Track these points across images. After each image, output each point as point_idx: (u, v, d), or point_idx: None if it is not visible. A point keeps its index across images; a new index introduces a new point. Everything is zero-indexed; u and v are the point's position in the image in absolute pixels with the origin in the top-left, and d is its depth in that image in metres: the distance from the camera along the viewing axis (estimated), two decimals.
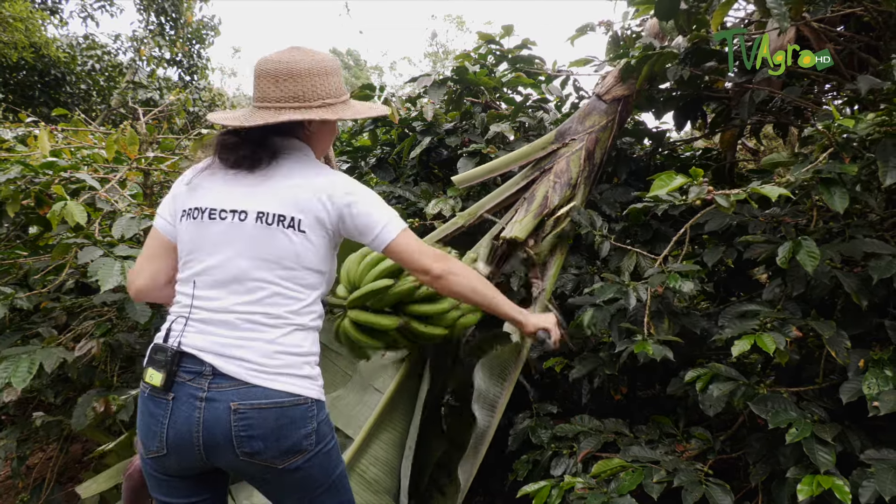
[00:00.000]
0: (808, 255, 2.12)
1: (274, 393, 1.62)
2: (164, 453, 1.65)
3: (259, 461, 1.63)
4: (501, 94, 4.22)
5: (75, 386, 3.16)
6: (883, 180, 2.10)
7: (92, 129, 4.35)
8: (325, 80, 1.76)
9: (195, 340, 1.65)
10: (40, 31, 10.38)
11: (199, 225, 1.72)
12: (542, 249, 2.96)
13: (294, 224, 1.67)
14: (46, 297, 3.02)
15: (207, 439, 1.60)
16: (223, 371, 1.61)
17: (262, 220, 1.67)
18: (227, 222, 1.69)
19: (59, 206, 2.66)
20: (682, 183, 2.29)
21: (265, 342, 1.65)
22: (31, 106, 10.49)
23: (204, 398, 1.59)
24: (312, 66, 1.75)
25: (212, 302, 1.68)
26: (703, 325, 2.61)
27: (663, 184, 2.32)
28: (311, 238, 1.70)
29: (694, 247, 3.01)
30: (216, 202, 1.73)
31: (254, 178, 1.73)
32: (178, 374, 1.62)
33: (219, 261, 1.68)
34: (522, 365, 2.74)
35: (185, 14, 14.04)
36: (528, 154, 3.17)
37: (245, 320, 1.65)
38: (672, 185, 2.30)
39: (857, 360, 2.10)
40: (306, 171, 1.76)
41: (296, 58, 1.75)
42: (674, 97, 3.41)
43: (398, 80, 32.32)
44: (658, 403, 3.01)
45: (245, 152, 1.73)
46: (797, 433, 1.98)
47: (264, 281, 1.67)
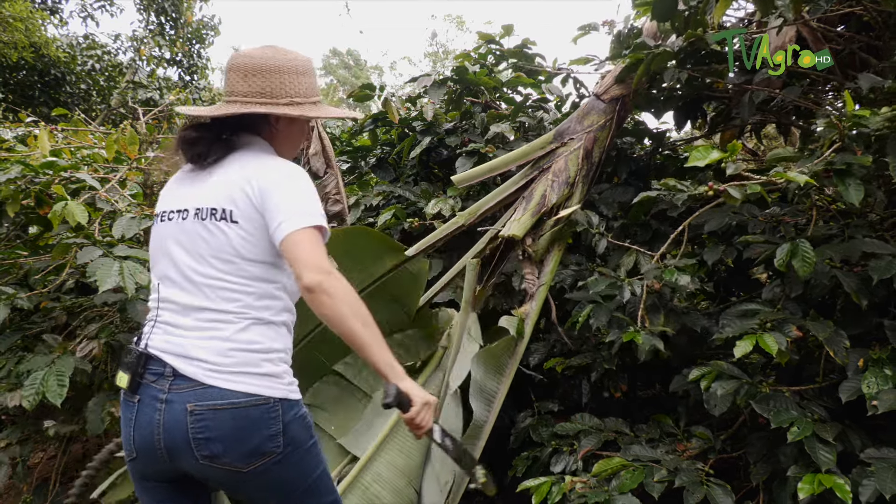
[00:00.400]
0: (804, 260, 2.12)
1: (229, 393, 1.57)
2: (134, 457, 1.64)
3: (221, 465, 1.59)
4: (501, 94, 4.23)
5: (75, 387, 3.16)
6: (894, 175, 2.10)
7: (92, 129, 4.35)
8: (294, 79, 1.74)
9: (159, 342, 1.63)
10: (40, 31, 10.38)
11: (156, 228, 1.76)
12: (540, 247, 2.97)
13: (226, 216, 1.63)
14: (47, 297, 3.02)
15: (168, 442, 1.57)
16: (182, 372, 1.58)
17: (198, 216, 1.66)
18: (173, 223, 1.70)
19: (59, 205, 2.66)
20: (721, 157, 2.25)
21: (221, 340, 1.60)
22: (31, 106, 10.47)
23: (164, 400, 1.57)
24: (283, 64, 1.73)
25: (172, 304, 1.67)
26: (704, 323, 2.62)
27: (701, 156, 2.28)
28: (245, 228, 1.63)
29: (693, 247, 3.01)
30: (166, 204, 1.76)
31: (202, 175, 1.72)
32: (143, 377, 1.60)
33: (171, 262, 1.68)
34: (519, 359, 2.74)
35: (185, 14, 14.03)
36: (528, 153, 3.17)
37: (201, 319, 1.62)
38: (711, 158, 2.24)
39: (857, 359, 2.11)
40: (251, 163, 1.70)
41: (268, 54, 1.74)
42: (674, 97, 3.40)
43: (398, 79, 32.33)
44: (658, 403, 3.01)
45: (201, 148, 1.72)
46: (798, 432, 1.99)
47: (210, 277, 1.63)
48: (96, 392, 2.92)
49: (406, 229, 3.47)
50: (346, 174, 4.49)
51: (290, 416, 1.66)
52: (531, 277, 2.93)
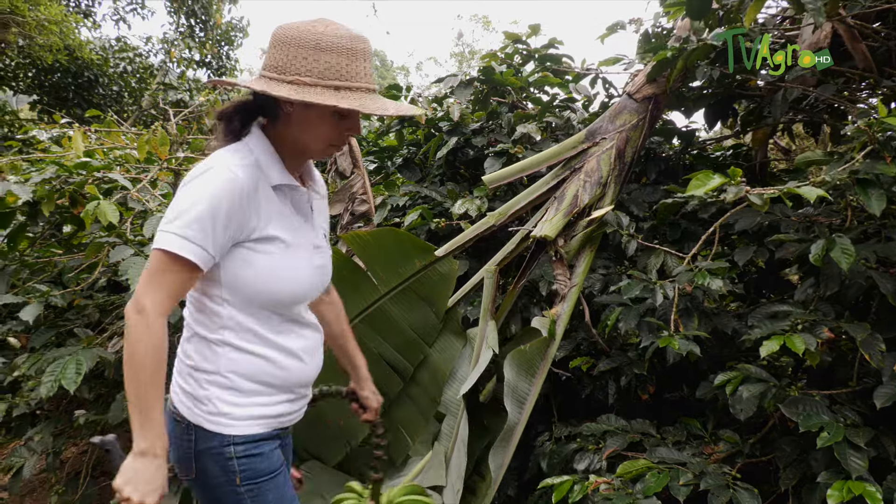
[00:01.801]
0: (843, 252, 2.08)
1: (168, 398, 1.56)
2: None
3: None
4: (528, 94, 4.21)
5: (108, 383, 3.21)
6: None
7: (124, 130, 4.43)
8: (310, 54, 1.40)
9: None
10: (74, 34, 10.57)
11: None
12: (572, 248, 2.94)
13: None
14: (79, 294, 3.08)
15: None
16: None
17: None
18: None
19: (92, 205, 2.71)
20: (721, 183, 2.26)
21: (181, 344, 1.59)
22: (66, 107, 10.68)
23: None
24: (305, 36, 1.41)
25: None
26: (734, 325, 2.58)
27: (700, 183, 2.29)
28: None
29: (724, 247, 2.97)
30: None
31: None
32: None
33: None
34: (551, 361, 2.73)
35: (215, 16, 14.20)
36: (559, 153, 3.15)
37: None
38: (710, 185, 2.26)
39: (893, 363, 2.07)
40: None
41: (304, 26, 1.43)
42: (705, 96, 3.36)
43: (424, 80, 32.40)
44: (686, 406, 2.98)
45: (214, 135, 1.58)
46: (829, 437, 1.95)
47: None
48: None
49: (432, 229, 3.47)
50: (373, 174, 4.51)
51: (203, 446, 1.51)
52: (562, 279, 2.91)
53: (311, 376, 1.67)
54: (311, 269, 1.59)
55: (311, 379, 1.68)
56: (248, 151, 1.48)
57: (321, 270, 1.65)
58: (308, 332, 1.65)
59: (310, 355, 1.64)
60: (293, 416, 1.67)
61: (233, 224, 1.40)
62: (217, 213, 1.37)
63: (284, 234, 1.49)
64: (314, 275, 1.61)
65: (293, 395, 1.63)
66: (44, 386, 2.47)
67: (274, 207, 1.49)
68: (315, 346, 1.67)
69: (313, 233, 1.63)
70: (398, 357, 2.88)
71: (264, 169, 1.47)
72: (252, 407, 1.53)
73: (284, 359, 1.56)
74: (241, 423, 1.52)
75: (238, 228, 1.42)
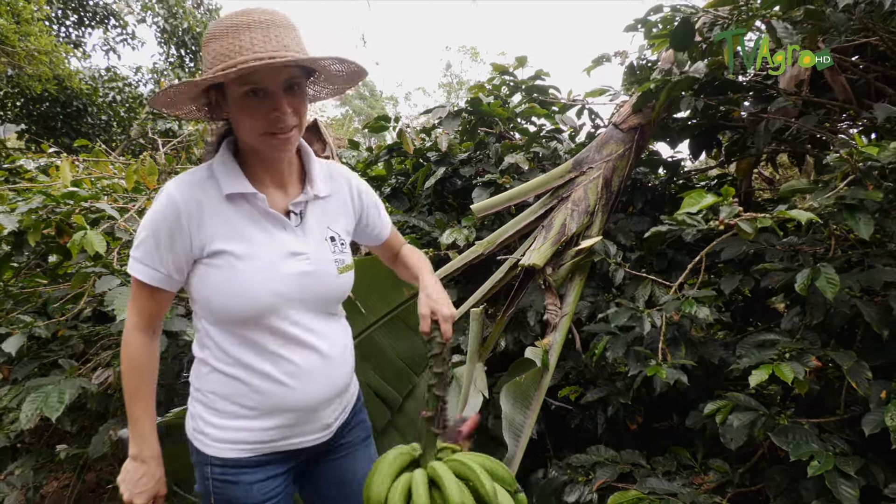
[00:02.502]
0: (828, 282, 2.09)
1: None
2: None
3: None
4: (515, 125, 4.25)
5: (90, 415, 3.17)
6: None
7: (112, 160, 4.42)
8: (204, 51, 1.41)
9: None
10: (64, 64, 10.62)
11: None
12: (560, 277, 2.95)
13: None
14: (64, 325, 3.05)
15: None
16: None
17: None
18: None
19: (78, 235, 2.70)
20: (714, 202, 2.27)
21: None
22: (54, 136, 10.69)
23: None
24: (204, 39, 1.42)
25: None
26: (721, 354, 2.59)
27: (694, 202, 2.29)
28: None
29: (710, 276, 2.99)
30: None
31: None
32: None
33: None
34: (545, 392, 2.71)
35: None
36: (547, 182, 3.18)
37: None
38: (703, 204, 2.27)
39: (879, 391, 2.07)
40: None
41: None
42: (689, 126, 3.41)
43: (413, 109, 32.69)
44: (675, 435, 2.97)
45: None
46: (819, 466, 1.95)
47: None
48: (110, 419, 2.92)
49: None
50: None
51: (194, 460, 1.60)
52: (553, 308, 2.91)
53: (305, 400, 1.54)
54: (279, 277, 1.46)
55: (310, 402, 1.55)
56: (205, 167, 1.49)
57: (301, 277, 1.50)
58: (296, 352, 1.52)
59: (295, 378, 1.51)
60: (294, 440, 1.58)
61: (177, 242, 1.42)
62: (158, 234, 1.41)
63: (235, 246, 1.44)
64: (284, 283, 1.47)
65: (287, 419, 1.54)
66: (23, 414, 2.42)
67: (222, 219, 1.45)
68: (309, 370, 1.53)
69: (295, 239, 1.51)
70: (386, 387, 2.86)
71: (219, 180, 1.45)
72: (229, 431, 1.52)
73: (257, 381, 1.49)
74: (217, 445, 1.53)
75: (185, 245, 1.43)
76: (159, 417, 2.52)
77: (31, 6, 9.73)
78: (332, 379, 1.60)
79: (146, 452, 1.52)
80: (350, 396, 1.74)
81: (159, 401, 1.60)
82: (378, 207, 1.80)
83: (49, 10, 11.95)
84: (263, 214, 1.49)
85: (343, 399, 1.69)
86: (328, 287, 1.56)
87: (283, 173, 1.56)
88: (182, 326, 2.68)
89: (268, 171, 1.53)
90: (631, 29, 3.19)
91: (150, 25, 14.35)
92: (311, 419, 1.59)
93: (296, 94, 1.42)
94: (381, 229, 1.82)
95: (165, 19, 13.91)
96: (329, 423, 1.64)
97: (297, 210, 1.55)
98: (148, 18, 14.35)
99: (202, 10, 15.04)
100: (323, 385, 1.57)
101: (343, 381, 1.64)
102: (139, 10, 14.51)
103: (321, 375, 1.56)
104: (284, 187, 1.56)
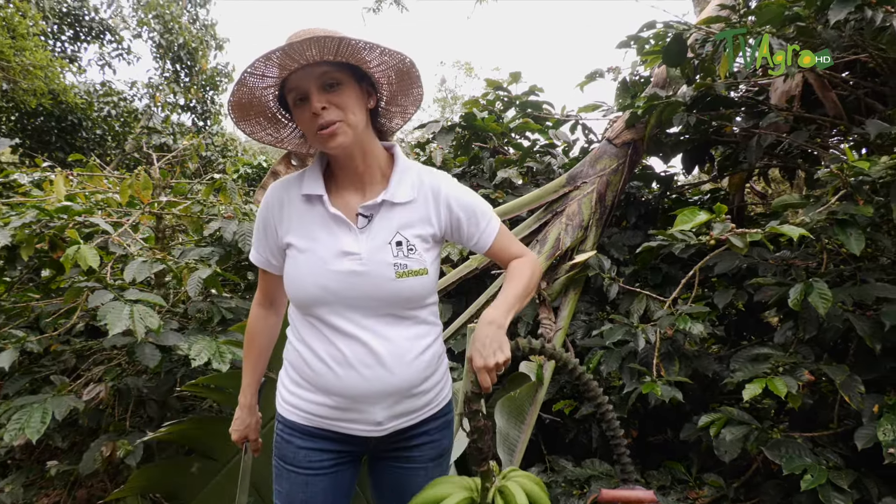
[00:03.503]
0: (821, 297, 2.10)
1: None
2: None
3: None
4: (509, 140, 4.28)
5: (82, 431, 3.15)
6: None
7: (106, 174, 4.42)
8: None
9: None
10: (59, 79, 10.63)
11: None
12: (555, 291, 2.96)
13: None
14: (57, 339, 3.03)
15: None
16: None
17: None
18: None
19: (72, 249, 2.69)
20: (707, 219, 2.29)
21: None
22: (48, 151, 10.69)
23: None
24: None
25: None
26: (715, 368, 2.59)
27: (687, 219, 2.31)
28: None
29: (704, 290, 3.00)
30: None
31: None
32: None
33: None
34: (539, 406, 2.71)
35: (201, 62, 14.36)
36: (541, 197, 3.19)
37: None
38: (696, 221, 2.29)
39: (872, 405, 2.08)
40: None
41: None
42: (682, 141, 3.44)
43: (408, 124, 32.74)
44: (670, 448, 2.97)
45: None
46: (812, 479, 1.95)
47: None
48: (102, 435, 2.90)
49: None
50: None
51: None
52: (548, 322, 2.91)
53: (348, 388, 1.59)
54: (326, 273, 1.55)
55: (353, 392, 1.59)
56: (303, 170, 1.70)
57: (351, 276, 1.56)
58: (346, 343, 1.58)
59: (340, 366, 1.58)
60: (343, 424, 1.64)
61: (268, 232, 1.67)
62: (259, 223, 1.69)
63: (300, 240, 1.61)
64: (331, 279, 1.56)
65: (335, 402, 1.61)
66: (7, 433, 2.40)
67: (297, 216, 1.63)
68: (354, 360, 1.58)
69: (353, 240, 1.58)
70: None
71: (302, 181, 1.64)
72: (293, 396, 1.69)
73: (312, 359, 1.63)
74: (284, 405, 1.71)
75: (273, 235, 1.66)
76: (150, 433, 2.52)
77: (27, 21, 9.76)
78: (381, 378, 1.60)
79: (242, 401, 1.86)
80: (415, 405, 1.69)
81: (151, 417, 1.62)
82: (477, 216, 1.74)
83: (45, 25, 11.98)
84: (329, 215, 1.60)
85: (401, 404, 1.65)
86: (382, 289, 1.58)
87: (360, 175, 1.64)
88: (175, 341, 2.67)
89: (345, 174, 1.65)
90: (623, 45, 3.22)
91: (146, 41, 14.41)
92: (356, 409, 1.62)
93: (335, 92, 1.51)
94: (481, 238, 1.75)
95: (161, 35, 13.96)
96: (379, 420, 1.64)
97: (366, 213, 1.61)
98: (144, 34, 14.41)
99: (198, 26, 15.10)
100: (367, 380, 1.59)
101: (395, 385, 1.62)
102: (135, 26, 14.58)
103: (368, 370, 1.59)
104: (363, 190, 1.65)
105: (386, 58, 1.53)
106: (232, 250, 3.24)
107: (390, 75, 1.59)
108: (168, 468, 2.71)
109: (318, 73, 1.47)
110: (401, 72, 1.59)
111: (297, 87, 1.50)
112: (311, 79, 1.47)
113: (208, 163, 11.61)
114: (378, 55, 1.52)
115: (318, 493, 1.68)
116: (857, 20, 2.36)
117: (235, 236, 3.12)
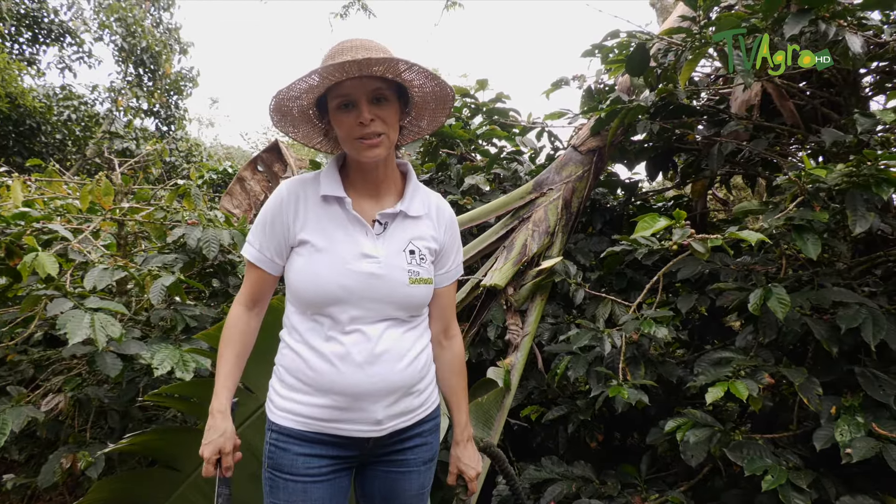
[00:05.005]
0: (779, 302, 2.15)
1: None
2: None
3: None
4: (476, 146, 4.29)
5: (40, 443, 3.07)
6: (853, 228, 2.15)
7: (66, 179, 4.33)
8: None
9: None
10: (17, 82, 10.39)
11: None
12: (522, 296, 2.97)
13: None
14: (13, 349, 2.95)
15: None
16: None
17: None
18: None
19: (29, 257, 2.62)
20: (667, 224, 2.33)
21: None
22: (5, 156, 10.41)
23: None
24: None
25: None
26: (679, 373, 2.63)
27: (647, 225, 2.35)
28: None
29: (668, 295, 3.05)
30: None
31: None
32: None
33: None
34: (507, 412, 2.72)
35: (164, 66, 14.16)
36: (507, 203, 3.21)
37: None
38: (656, 227, 2.32)
39: (829, 406, 2.13)
40: None
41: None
42: (646, 149, 3.49)
43: None
44: (637, 452, 3.00)
45: None
46: (773, 480, 1.99)
47: None
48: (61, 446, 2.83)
49: None
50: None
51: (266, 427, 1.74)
52: (515, 328, 2.93)
53: (351, 385, 1.62)
54: (347, 272, 1.61)
55: (355, 390, 1.63)
56: (317, 171, 1.73)
57: (369, 277, 1.62)
58: (351, 340, 1.63)
59: (344, 363, 1.61)
60: (343, 426, 1.65)
61: (277, 227, 1.65)
62: (265, 219, 1.67)
63: (317, 239, 1.63)
64: (351, 279, 1.61)
65: (335, 401, 1.63)
66: None
67: (314, 215, 1.65)
68: (359, 359, 1.62)
69: (371, 243, 1.65)
70: None
71: (321, 182, 1.67)
72: (288, 401, 1.67)
73: (314, 359, 1.63)
74: (277, 412, 1.69)
75: (283, 230, 1.65)
76: (112, 444, 2.46)
77: None
78: (384, 375, 1.65)
79: (214, 405, 1.67)
80: (412, 404, 1.74)
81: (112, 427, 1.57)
82: (457, 251, 1.88)
83: (2, 27, 11.71)
84: (349, 217, 1.65)
85: (400, 402, 1.70)
86: (396, 292, 1.66)
87: (378, 185, 1.71)
88: (138, 349, 2.61)
89: (364, 181, 1.70)
90: (588, 54, 3.27)
91: (108, 44, 14.16)
92: (358, 408, 1.65)
93: (382, 106, 1.58)
94: (448, 273, 1.85)
95: (123, 38, 13.73)
96: (379, 419, 1.67)
97: (383, 220, 1.69)
98: (105, 37, 14.16)
99: (161, 29, 14.91)
100: (370, 376, 1.64)
101: (397, 382, 1.67)
102: (96, 29, 14.32)
103: (371, 367, 1.64)
104: (378, 198, 1.72)
105: (430, 84, 1.64)
106: (196, 257, 3.19)
107: (427, 100, 1.70)
108: (130, 479, 2.65)
109: (373, 87, 1.55)
110: (438, 98, 1.70)
111: (346, 95, 1.55)
112: (364, 90, 1.54)
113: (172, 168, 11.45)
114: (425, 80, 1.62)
115: (317, 500, 1.68)
116: (812, 33, 2.42)
117: (200, 243, 3.07)
